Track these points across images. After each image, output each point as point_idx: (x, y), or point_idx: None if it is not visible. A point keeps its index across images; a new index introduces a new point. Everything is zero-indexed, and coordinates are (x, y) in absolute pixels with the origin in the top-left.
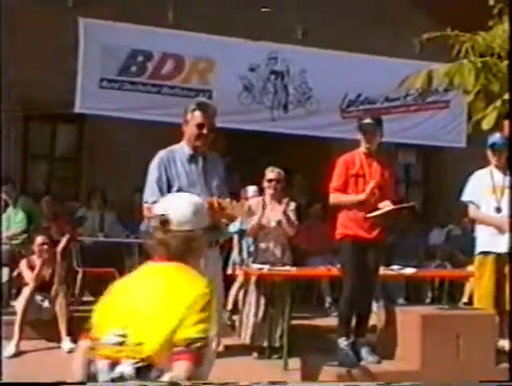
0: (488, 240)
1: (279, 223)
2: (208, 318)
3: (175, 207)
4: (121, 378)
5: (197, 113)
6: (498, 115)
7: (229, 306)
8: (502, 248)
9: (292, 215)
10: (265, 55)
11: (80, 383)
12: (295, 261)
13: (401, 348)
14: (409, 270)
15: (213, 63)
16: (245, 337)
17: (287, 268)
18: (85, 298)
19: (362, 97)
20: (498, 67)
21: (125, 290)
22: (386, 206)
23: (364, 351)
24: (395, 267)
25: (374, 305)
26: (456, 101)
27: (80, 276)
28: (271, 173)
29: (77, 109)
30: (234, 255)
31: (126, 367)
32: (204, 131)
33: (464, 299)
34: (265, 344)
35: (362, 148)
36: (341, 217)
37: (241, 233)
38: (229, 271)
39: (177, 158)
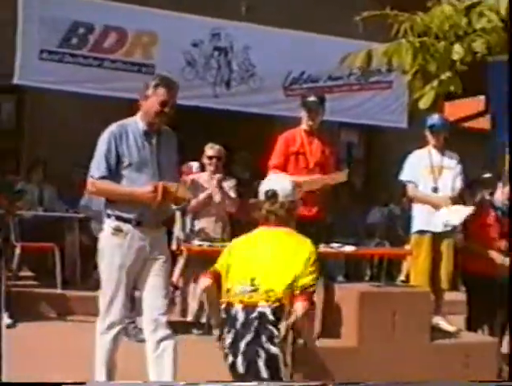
0: (424, 219)
1: (219, 199)
2: (317, 270)
3: (280, 183)
4: (261, 317)
5: (161, 90)
6: (435, 95)
7: (174, 279)
8: (438, 227)
9: (232, 192)
10: (208, 31)
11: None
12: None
13: (339, 325)
14: (348, 248)
15: (156, 37)
16: (189, 314)
17: (228, 244)
18: (24, 273)
19: (305, 75)
20: (436, 48)
21: (246, 249)
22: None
23: None
24: (335, 245)
25: None
26: (398, 82)
27: (18, 250)
28: (211, 150)
29: (16, 81)
30: (177, 231)
31: (264, 308)
32: (166, 109)
33: (402, 277)
34: (203, 321)
35: (304, 125)
36: None
37: (184, 209)
38: (173, 247)
39: (130, 133)
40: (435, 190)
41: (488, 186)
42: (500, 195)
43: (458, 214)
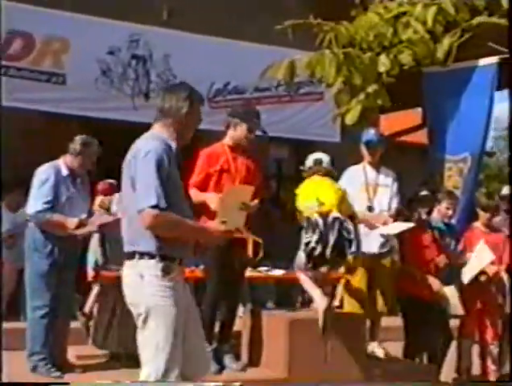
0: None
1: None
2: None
3: (323, 155)
4: (337, 218)
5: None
6: (362, 109)
7: (87, 310)
8: (374, 247)
9: None
10: (126, 37)
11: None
12: None
13: (267, 354)
14: (278, 272)
15: (68, 44)
16: (100, 343)
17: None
18: None
19: (230, 86)
20: (361, 59)
21: (307, 185)
22: None
23: (227, 358)
24: (263, 268)
25: (241, 310)
26: (330, 93)
27: None
28: None
29: None
30: (97, 255)
31: (335, 214)
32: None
33: (336, 302)
34: (120, 351)
35: (227, 140)
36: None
37: (103, 232)
38: (90, 273)
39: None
40: (370, 209)
41: (425, 205)
42: (437, 213)
43: (396, 227)
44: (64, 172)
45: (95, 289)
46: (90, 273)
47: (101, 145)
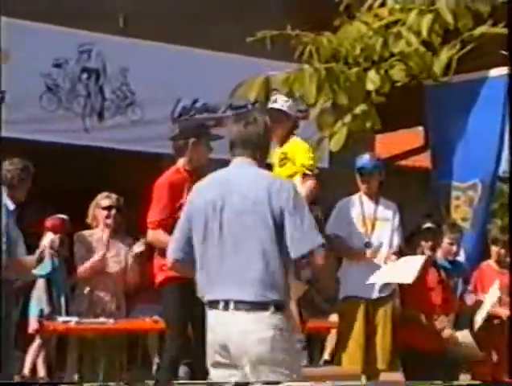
0: (355, 282)
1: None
2: None
3: None
4: None
5: None
6: (349, 133)
7: (26, 370)
8: (373, 292)
9: (132, 255)
10: (75, 48)
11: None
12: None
13: None
14: None
15: (6, 56)
16: None
17: (102, 319)
18: None
19: (200, 104)
20: (346, 76)
21: None
22: None
23: None
24: None
25: None
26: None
27: None
28: (107, 199)
29: None
30: (42, 304)
31: None
32: None
33: (326, 356)
34: None
35: (184, 164)
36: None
37: (52, 277)
38: (32, 325)
39: None
40: (368, 245)
41: (428, 239)
42: (443, 249)
43: (408, 268)
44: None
45: (36, 343)
46: (33, 324)
47: (41, 173)
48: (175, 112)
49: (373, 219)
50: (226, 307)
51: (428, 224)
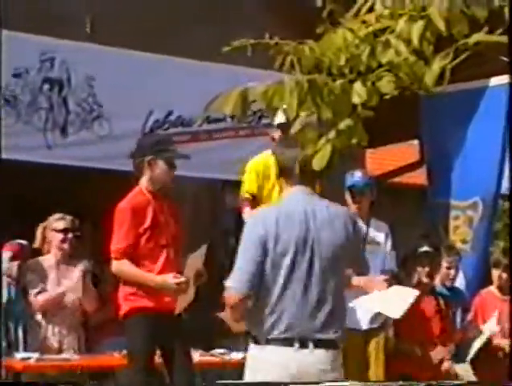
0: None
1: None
2: None
3: None
4: None
5: None
6: (333, 150)
7: None
8: (364, 323)
9: (89, 282)
10: (36, 56)
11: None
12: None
13: None
14: (237, 355)
15: None
16: None
17: (65, 355)
18: None
19: (174, 116)
20: (330, 88)
21: None
22: None
23: None
24: (219, 351)
25: None
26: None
27: None
28: (62, 221)
29: None
30: None
31: None
32: None
33: None
34: None
35: (146, 184)
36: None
37: (9, 307)
38: None
39: None
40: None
41: (425, 264)
42: (441, 274)
43: (398, 300)
44: None
45: None
46: None
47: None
48: (146, 126)
49: (363, 242)
50: (304, 345)
51: (425, 248)
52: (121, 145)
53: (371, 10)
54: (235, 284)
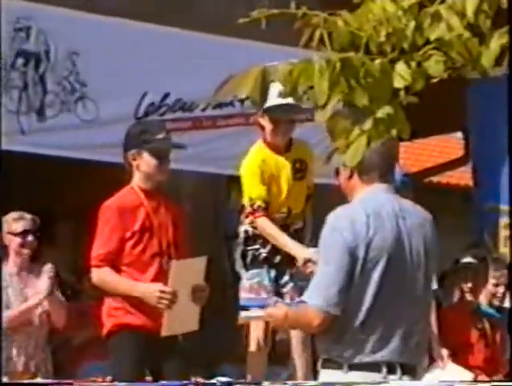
0: None
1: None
2: None
3: None
4: None
5: None
6: (369, 143)
7: None
8: None
9: (57, 292)
10: (9, 24)
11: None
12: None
13: None
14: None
15: None
16: None
17: (40, 380)
18: None
19: (171, 100)
20: (367, 68)
21: None
22: None
23: None
24: (222, 379)
25: None
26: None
27: None
28: (21, 221)
29: None
30: None
31: None
32: None
33: None
34: None
35: (138, 181)
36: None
37: None
38: None
39: None
40: None
41: (468, 279)
42: (487, 292)
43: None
44: None
45: None
46: None
47: None
48: (139, 109)
49: None
50: (392, 371)
51: (468, 259)
52: (109, 132)
53: None
54: (319, 301)
